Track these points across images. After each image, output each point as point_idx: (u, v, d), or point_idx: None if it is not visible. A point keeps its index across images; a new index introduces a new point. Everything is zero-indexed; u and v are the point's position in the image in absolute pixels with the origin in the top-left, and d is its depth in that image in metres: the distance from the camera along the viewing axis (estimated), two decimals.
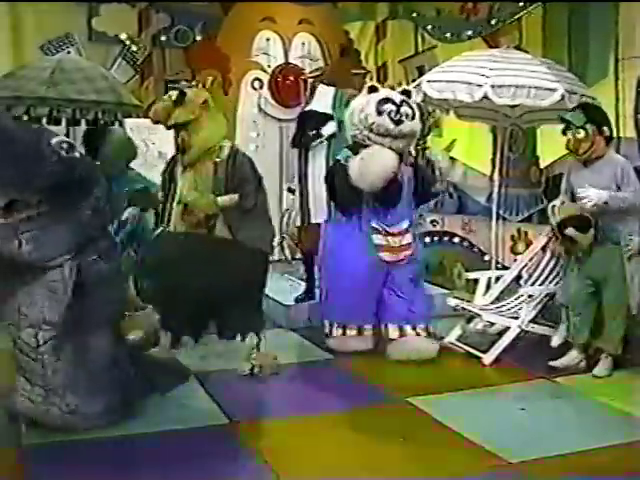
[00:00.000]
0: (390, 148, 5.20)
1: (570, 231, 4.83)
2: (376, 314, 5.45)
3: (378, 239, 5.33)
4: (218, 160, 4.91)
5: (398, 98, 5.29)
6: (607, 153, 4.97)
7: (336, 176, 5.32)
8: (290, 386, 4.95)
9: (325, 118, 6.23)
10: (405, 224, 5.42)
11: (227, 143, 5.05)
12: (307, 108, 6.52)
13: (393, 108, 5.21)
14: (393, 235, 5.37)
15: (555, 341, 5.15)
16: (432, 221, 7.86)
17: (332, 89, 6.39)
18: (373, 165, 5.11)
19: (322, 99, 6.37)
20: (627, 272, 4.76)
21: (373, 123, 5.18)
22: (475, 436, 3.83)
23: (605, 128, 4.93)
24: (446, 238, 7.68)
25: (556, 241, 5.19)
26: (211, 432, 3.98)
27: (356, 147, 5.32)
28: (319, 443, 3.83)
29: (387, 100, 5.24)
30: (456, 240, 7.53)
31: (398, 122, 5.20)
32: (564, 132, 4.98)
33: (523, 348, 5.25)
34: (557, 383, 4.75)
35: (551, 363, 4.95)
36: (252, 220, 4.93)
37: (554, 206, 5.09)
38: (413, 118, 5.30)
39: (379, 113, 5.19)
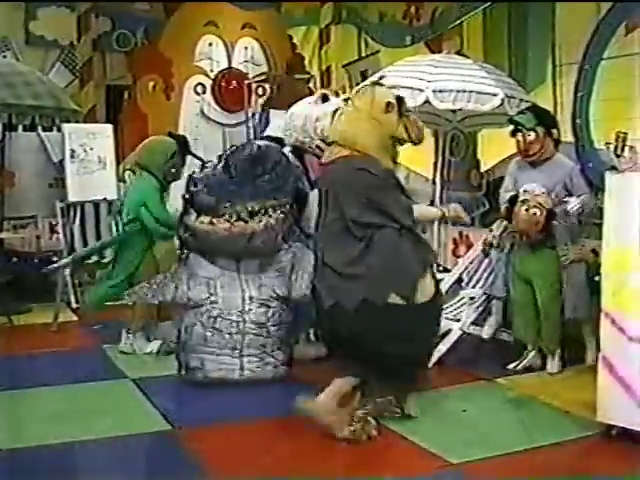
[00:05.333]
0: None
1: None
2: None
3: None
4: None
5: None
6: (555, 155, 5.09)
7: None
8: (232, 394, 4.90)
9: (280, 142, 6.18)
10: None
11: None
12: (264, 134, 6.45)
13: None
14: None
15: (485, 332, 5.15)
16: None
17: (283, 113, 6.26)
18: None
19: (274, 123, 6.27)
20: (562, 277, 4.83)
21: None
22: (418, 438, 3.84)
23: (554, 130, 5.05)
24: None
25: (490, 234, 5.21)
26: (153, 438, 3.93)
27: (299, 152, 5.31)
28: (260, 449, 3.80)
29: None
30: None
31: None
32: (513, 134, 5.06)
33: (465, 350, 5.28)
34: (499, 384, 4.78)
35: (510, 367, 4.96)
36: None
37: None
38: None
39: None
